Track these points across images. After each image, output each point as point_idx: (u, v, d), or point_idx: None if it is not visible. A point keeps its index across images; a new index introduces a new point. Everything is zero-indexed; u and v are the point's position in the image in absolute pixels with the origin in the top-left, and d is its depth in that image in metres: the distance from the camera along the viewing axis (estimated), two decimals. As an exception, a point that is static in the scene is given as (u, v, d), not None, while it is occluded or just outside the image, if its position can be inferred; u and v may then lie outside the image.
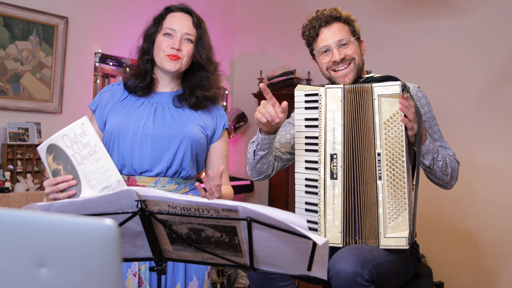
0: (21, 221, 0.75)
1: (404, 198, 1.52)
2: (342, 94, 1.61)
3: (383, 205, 1.53)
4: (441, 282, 3.05)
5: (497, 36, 3.08)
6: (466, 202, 3.16)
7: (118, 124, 1.63)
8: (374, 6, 3.61)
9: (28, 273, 0.75)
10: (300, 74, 3.95)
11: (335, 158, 1.60)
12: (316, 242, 0.99)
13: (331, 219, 1.59)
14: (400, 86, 1.53)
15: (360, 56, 1.76)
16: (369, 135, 1.57)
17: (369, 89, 1.58)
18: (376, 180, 1.55)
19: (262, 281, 1.60)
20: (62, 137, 1.50)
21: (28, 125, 2.92)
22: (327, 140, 1.62)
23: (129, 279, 1.60)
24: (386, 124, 1.55)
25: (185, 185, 1.69)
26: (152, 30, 1.70)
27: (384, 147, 1.54)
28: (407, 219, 1.51)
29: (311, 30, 1.76)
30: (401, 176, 1.52)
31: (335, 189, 1.59)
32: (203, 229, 1.11)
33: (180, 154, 1.63)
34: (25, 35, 2.95)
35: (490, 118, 3.11)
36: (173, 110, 1.68)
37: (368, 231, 1.56)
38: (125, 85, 1.71)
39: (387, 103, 1.55)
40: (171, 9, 1.71)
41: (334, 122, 1.62)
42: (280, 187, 3.88)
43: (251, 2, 4.41)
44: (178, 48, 1.63)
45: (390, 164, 1.54)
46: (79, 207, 1.13)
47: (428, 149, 1.60)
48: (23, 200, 2.69)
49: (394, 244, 1.51)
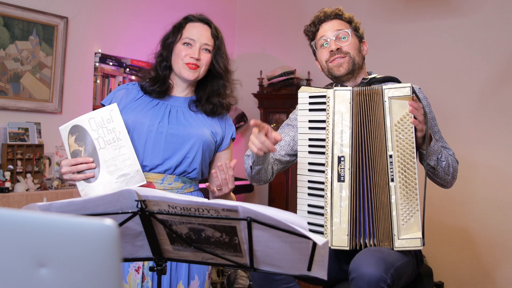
0: (21, 221, 0.75)
1: (416, 199, 1.53)
2: (351, 96, 1.61)
3: (396, 207, 1.54)
4: (441, 282, 3.05)
5: (497, 36, 3.08)
6: (466, 202, 3.16)
7: (134, 120, 1.66)
8: (374, 6, 3.61)
9: (28, 273, 0.75)
10: (300, 74, 3.95)
11: (343, 160, 1.60)
12: (316, 242, 0.99)
13: (337, 222, 1.58)
14: (411, 88, 1.54)
15: (357, 52, 1.78)
16: (380, 137, 1.57)
17: (379, 91, 1.58)
18: (389, 182, 1.55)
19: (264, 283, 1.60)
20: (88, 120, 1.53)
21: (28, 125, 2.93)
22: (335, 143, 1.61)
23: (130, 274, 1.61)
24: (397, 126, 1.55)
25: (190, 184, 1.72)
26: (171, 38, 1.73)
27: (395, 149, 1.55)
28: (419, 220, 1.53)
29: (312, 25, 1.82)
30: (413, 178, 1.54)
31: (342, 191, 1.59)
32: (203, 229, 1.11)
33: (191, 154, 1.67)
34: (25, 35, 2.95)
35: (490, 118, 3.11)
36: (186, 113, 1.73)
37: (381, 234, 1.56)
38: (141, 88, 1.75)
39: (398, 105, 1.56)
40: (190, 19, 1.75)
41: (342, 124, 1.61)
42: (280, 187, 3.88)
43: (251, 2, 4.41)
44: (197, 58, 1.68)
45: (402, 166, 1.54)
46: (79, 207, 1.13)
47: (433, 150, 1.61)
48: (23, 200, 2.69)
49: (408, 245, 1.52)
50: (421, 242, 1.52)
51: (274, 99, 4.00)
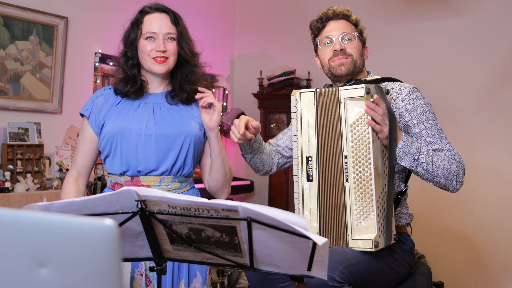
0: (21, 221, 0.75)
1: (371, 200, 1.52)
2: (315, 97, 1.64)
3: (350, 207, 1.55)
4: (441, 282, 3.05)
5: (497, 36, 3.08)
6: (466, 202, 3.16)
7: (120, 127, 1.63)
8: (374, 6, 3.61)
9: (28, 273, 0.75)
10: (300, 74, 3.95)
11: (310, 160, 1.63)
12: (316, 242, 0.99)
13: (308, 220, 1.61)
14: (364, 89, 1.54)
15: (359, 56, 1.79)
16: (336, 137, 1.59)
17: (336, 92, 1.60)
18: (344, 182, 1.57)
19: (261, 282, 1.60)
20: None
21: (28, 125, 2.92)
22: (303, 143, 1.65)
23: (136, 279, 1.60)
24: (352, 126, 1.56)
25: (186, 183, 1.72)
26: (132, 35, 1.69)
27: (350, 149, 1.56)
28: (376, 222, 1.52)
29: (319, 21, 1.83)
30: (368, 179, 1.53)
31: (311, 191, 1.62)
32: (203, 229, 1.11)
33: (184, 152, 1.66)
34: (25, 35, 2.95)
35: (490, 118, 3.11)
36: (170, 109, 1.70)
37: (336, 233, 1.58)
38: (115, 91, 1.71)
39: (354, 106, 1.57)
40: (146, 11, 1.70)
41: (309, 125, 1.64)
42: (280, 187, 3.88)
43: (251, 2, 4.41)
44: (163, 49, 1.64)
45: (356, 167, 1.55)
46: (79, 207, 1.13)
47: (404, 151, 1.58)
48: (23, 200, 2.69)
49: (361, 246, 1.52)
50: (372, 244, 1.49)
51: (274, 99, 4.00)
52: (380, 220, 1.53)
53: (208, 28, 3.97)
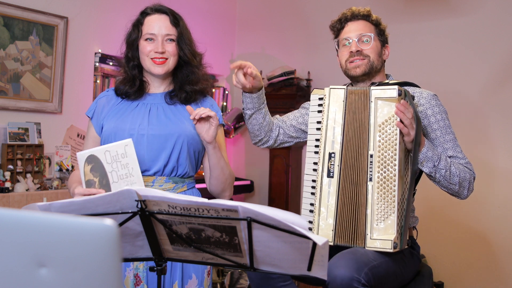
0: (21, 221, 0.75)
1: (393, 201, 1.52)
2: (345, 95, 1.65)
3: (371, 207, 1.54)
4: (441, 282, 3.05)
5: (497, 36, 3.08)
6: (466, 202, 3.15)
7: (114, 126, 1.65)
8: (374, 6, 3.59)
9: (28, 273, 0.75)
10: (300, 74, 3.95)
11: (333, 157, 1.63)
12: (316, 242, 0.99)
13: (324, 217, 1.60)
14: (397, 90, 1.55)
15: (377, 56, 1.80)
16: (363, 136, 1.59)
17: (367, 91, 1.61)
18: (367, 181, 1.56)
19: (262, 281, 1.60)
20: (104, 152, 1.53)
21: (28, 125, 2.92)
22: (327, 139, 1.64)
23: (127, 277, 1.61)
24: (380, 126, 1.57)
25: (182, 184, 1.70)
26: (133, 36, 1.71)
27: (377, 149, 1.56)
28: (396, 223, 1.51)
29: (338, 22, 1.85)
30: (392, 179, 1.53)
31: (330, 187, 1.61)
32: (203, 229, 1.11)
33: (176, 152, 1.65)
34: (25, 35, 2.95)
35: (489, 118, 3.11)
36: (167, 109, 1.70)
37: (353, 231, 1.57)
38: (116, 92, 1.74)
39: (384, 106, 1.57)
40: (146, 13, 1.72)
41: (335, 121, 1.64)
42: (280, 187, 3.88)
43: (251, 2, 4.41)
44: (162, 51, 1.65)
45: (381, 167, 1.55)
46: (79, 207, 1.13)
47: (426, 157, 1.60)
48: (23, 200, 2.69)
49: (380, 246, 1.51)
50: (392, 245, 1.48)
51: (274, 99, 4.00)
52: (400, 222, 1.53)
53: (208, 28, 3.97)
